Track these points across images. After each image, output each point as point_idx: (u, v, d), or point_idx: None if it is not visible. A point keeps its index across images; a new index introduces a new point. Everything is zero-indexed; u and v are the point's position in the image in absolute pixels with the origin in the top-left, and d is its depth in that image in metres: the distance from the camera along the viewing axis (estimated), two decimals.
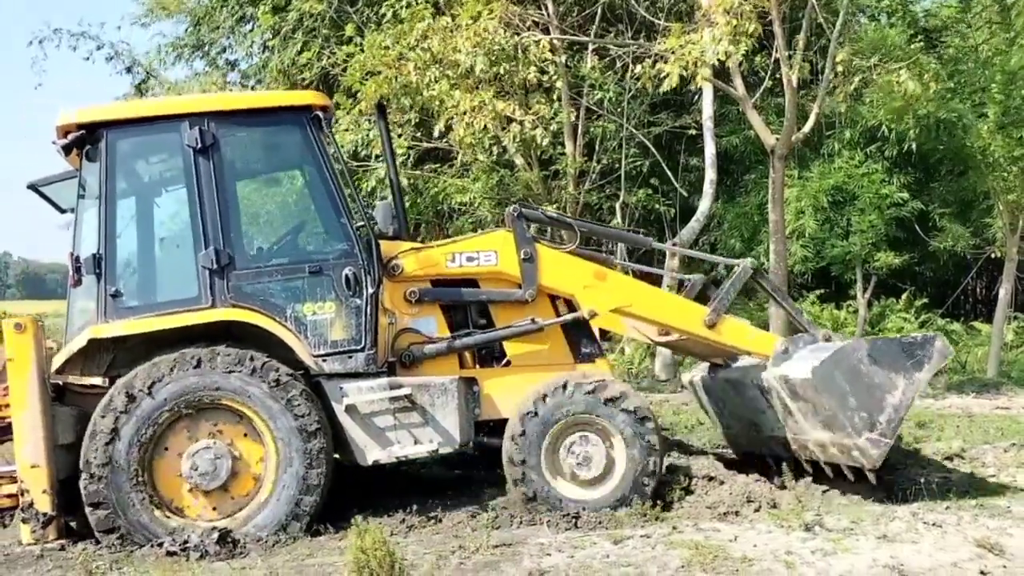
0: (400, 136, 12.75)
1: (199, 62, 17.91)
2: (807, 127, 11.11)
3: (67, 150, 5.69)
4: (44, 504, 5.19)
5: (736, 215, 14.85)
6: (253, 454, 5.46)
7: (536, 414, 5.70)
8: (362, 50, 12.58)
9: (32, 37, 17.74)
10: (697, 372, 7.33)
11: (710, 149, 12.98)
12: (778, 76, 11.11)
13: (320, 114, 5.86)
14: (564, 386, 5.74)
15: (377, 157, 12.94)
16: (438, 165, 14.42)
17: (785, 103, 11.08)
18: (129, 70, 18.45)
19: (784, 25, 10.77)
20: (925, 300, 15.31)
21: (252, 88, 16.94)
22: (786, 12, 11.24)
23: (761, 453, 6.65)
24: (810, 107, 11.43)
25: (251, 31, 16.88)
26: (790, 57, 10.64)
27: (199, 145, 5.59)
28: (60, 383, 5.58)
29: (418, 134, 13.42)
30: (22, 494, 5.21)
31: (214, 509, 5.40)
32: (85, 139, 5.57)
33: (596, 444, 5.73)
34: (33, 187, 6.16)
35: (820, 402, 5.56)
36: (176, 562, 4.96)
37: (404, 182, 13.38)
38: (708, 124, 12.99)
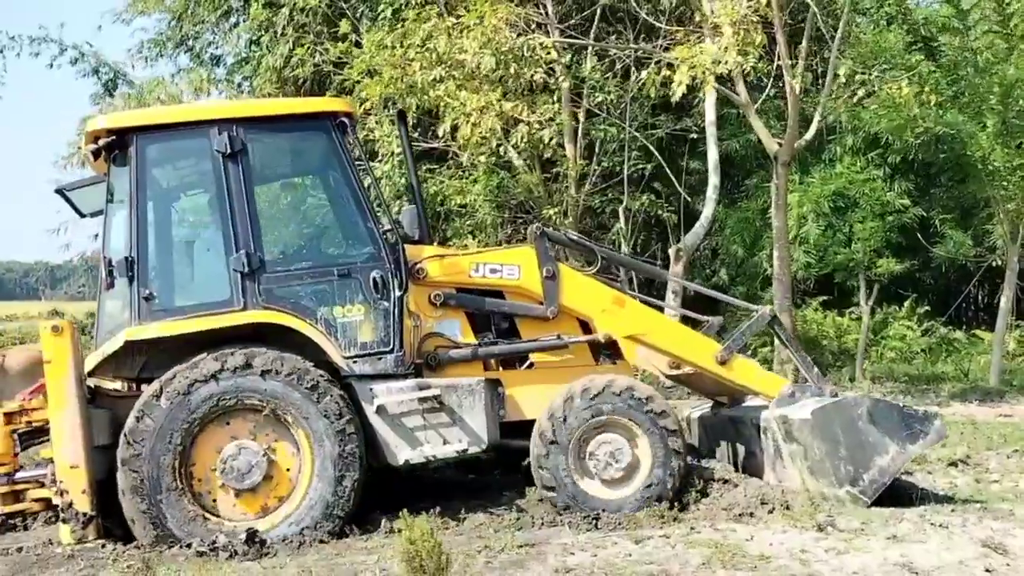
0: (391, 136, 13.14)
1: (183, 57, 18.22)
2: (810, 134, 11.67)
3: (96, 155, 6.07)
4: (83, 504, 5.54)
5: (738, 220, 15.36)
6: (287, 455, 5.85)
7: (563, 415, 6.11)
8: (358, 46, 13.00)
9: None
10: (697, 410, 7.79)
11: (713, 154, 13.51)
12: (781, 84, 11.65)
13: (345, 120, 6.27)
14: (591, 388, 6.15)
15: (375, 156, 13.37)
16: (436, 166, 14.83)
17: (788, 109, 11.63)
18: (96, 72, 18.58)
19: (786, 29, 11.32)
20: (927, 307, 15.87)
21: (239, 85, 17.29)
22: (788, 21, 11.78)
23: None
24: (812, 112, 11.99)
25: (236, 26, 17.24)
26: (793, 65, 11.19)
27: (228, 150, 5.98)
28: (92, 385, 5.95)
29: (416, 134, 13.83)
30: (61, 495, 5.55)
31: (247, 509, 5.79)
32: (115, 145, 5.96)
33: (622, 445, 6.15)
34: (60, 191, 6.54)
35: (812, 446, 5.97)
36: (207, 561, 5.31)
37: (402, 182, 13.81)
38: (711, 130, 13.52)
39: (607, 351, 6.73)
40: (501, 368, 6.59)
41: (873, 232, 14.03)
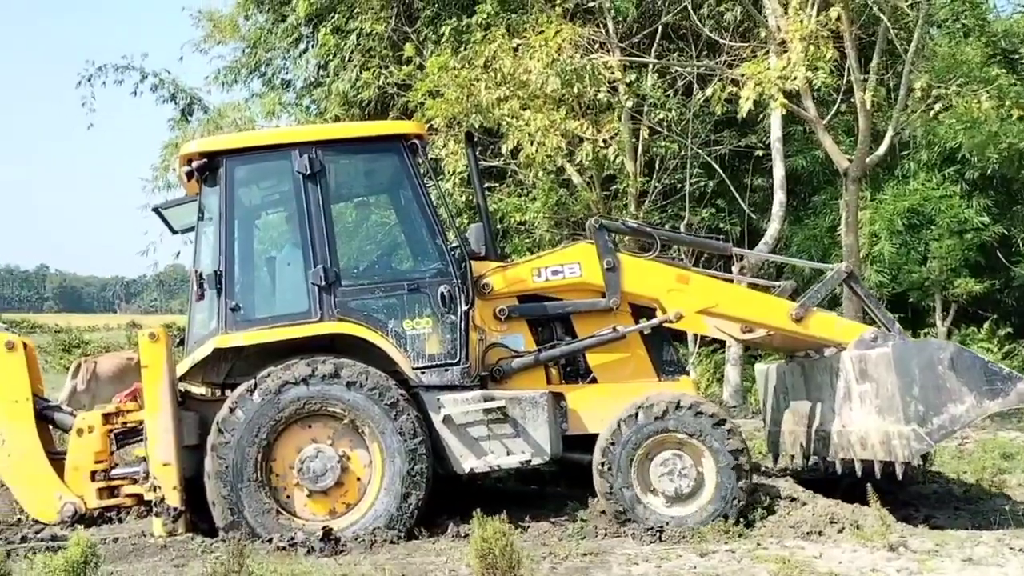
0: (455, 154, 13.67)
1: (256, 83, 19.17)
2: (881, 149, 11.78)
3: (188, 176, 6.68)
4: (174, 499, 6.15)
5: (805, 238, 15.44)
6: (360, 465, 6.34)
7: (627, 430, 6.41)
8: (421, 68, 13.61)
9: (79, 77, 18.55)
10: (772, 363, 7.98)
11: (779, 171, 13.67)
12: (851, 99, 11.82)
13: (416, 141, 6.81)
14: (655, 405, 6.44)
15: (438, 174, 13.93)
16: (495, 184, 15.34)
17: (858, 125, 11.78)
18: (173, 98, 19.58)
19: (856, 43, 11.50)
20: (1009, 329, 15.60)
21: (308, 108, 18.11)
22: (859, 34, 11.96)
23: (799, 454, 7.27)
24: (884, 128, 12.11)
25: (305, 52, 18.11)
26: (864, 80, 11.36)
27: (308, 171, 6.53)
28: (183, 389, 6.55)
29: (476, 152, 14.33)
30: (154, 490, 6.15)
31: (317, 510, 6.29)
32: (205, 167, 6.57)
33: (687, 461, 6.42)
34: (156, 210, 7.23)
35: (886, 382, 6.02)
36: (287, 556, 5.81)
37: (460, 199, 14.34)
38: (777, 146, 13.68)
39: (670, 367, 7.03)
40: (564, 383, 6.94)
41: (950, 250, 13.94)
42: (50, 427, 7.05)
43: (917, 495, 7.24)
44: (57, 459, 6.76)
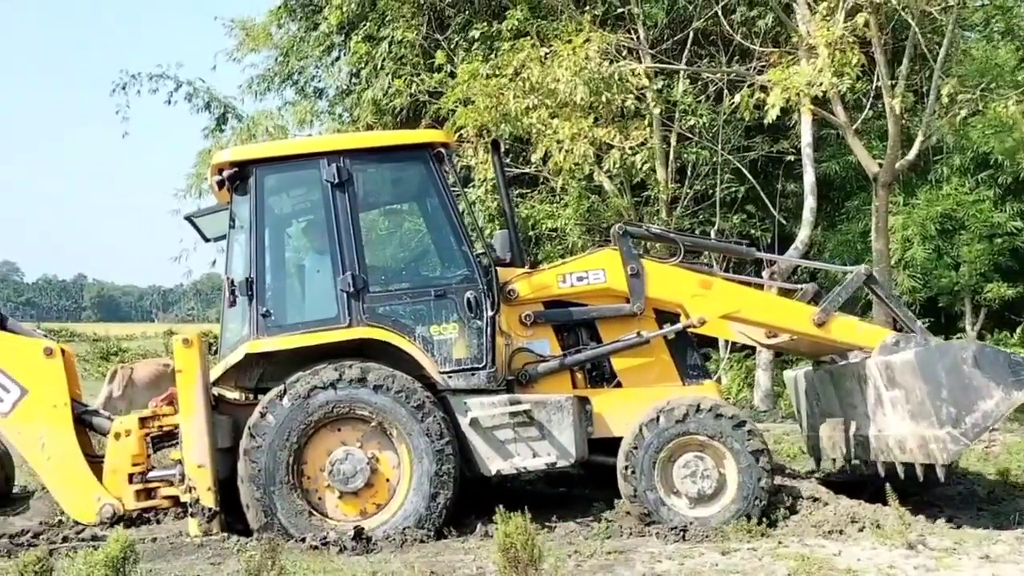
0: (485, 163, 13.85)
1: (288, 91, 19.52)
2: (911, 154, 11.77)
3: (220, 185, 6.92)
4: (209, 500, 6.36)
5: (838, 243, 15.43)
6: (389, 466, 6.52)
7: (649, 434, 6.54)
8: (452, 75, 13.82)
9: (113, 85, 18.88)
10: (800, 370, 8.05)
11: (809, 176, 13.70)
12: (881, 105, 11.83)
13: (442, 150, 7.00)
14: (677, 408, 6.57)
15: (469, 181, 14.13)
16: (527, 190, 15.51)
17: (888, 129, 11.78)
18: (208, 106, 19.93)
19: (886, 49, 11.51)
20: None
21: (340, 116, 18.41)
22: (888, 40, 11.96)
23: (841, 458, 7.33)
24: (915, 132, 12.09)
25: (337, 60, 18.42)
26: (893, 86, 11.37)
27: (336, 180, 6.73)
28: (216, 394, 6.76)
29: (508, 159, 14.52)
30: (190, 491, 6.37)
31: (347, 511, 6.47)
32: (236, 176, 6.79)
33: (708, 462, 6.55)
34: (188, 218, 7.47)
35: (914, 388, 6.11)
36: (320, 554, 5.99)
37: (492, 206, 14.53)
38: (807, 151, 13.72)
39: (694, 371, 7.14)
40: (589, 387, 7.07)
41: (980, 255, 13.87)
42: (88, 431, 7.30)
43: (942, 496, 7.27)
44: (96, 462, 7.00)
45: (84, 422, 7.20)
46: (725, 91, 13.88)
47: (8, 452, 7.66)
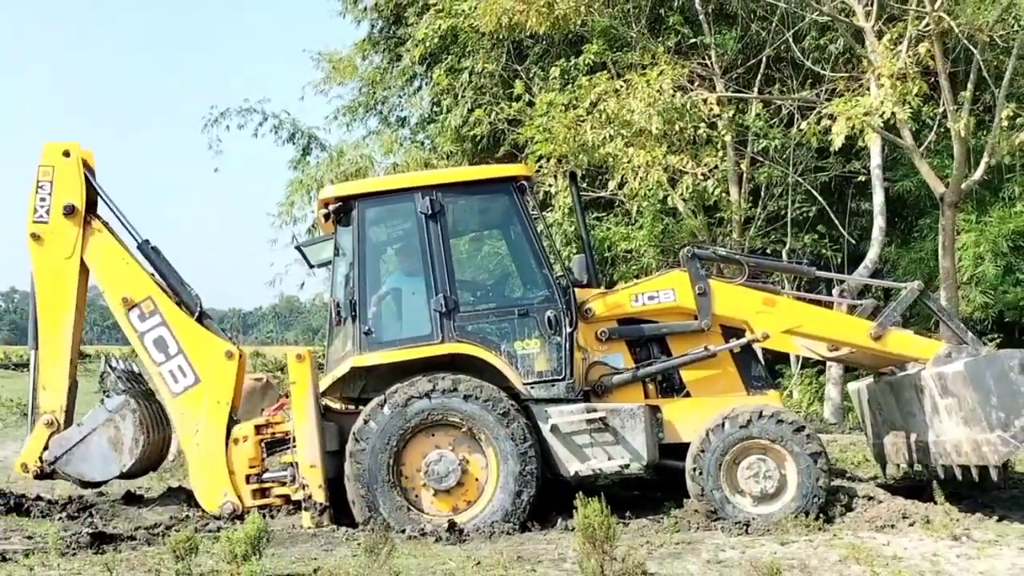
0: (563, 190, 14.60)
1: (372, 120, 20.73)
2: (977, 174, 12.12)
3: (326, 218, 7.90)
4: (320, 496, 7.27)
5: (911, 261, 15.69)
6: (478, 467, 7.33)
7: (715, 438, 7.22)
8: (531, 104, 14.68)
9: (204, 121, 20.10)
10: (862, 382, 8.64)
11: (878, 196, 14.11)
12: (946, 127, 12.25)
13: (524, 182, 7.88)
14: (741, 414, 7.25)
15: (547, 206, 14.97)
16: (603, 213, 16.26)
17: (954, 150, 12.19)
18: (292, 138, 21.03)
19: (950, 73, 11.91)
20: None
21: (422, 144, 19.51)
22: (951, 65, 12.38)
23: (904, 463, 7.86)
24: (983, 151, 12.44)
25: (419, 90, 19.55)
26: (957, 109, 11.81)
27: (429, 212, 7.61)
28: (324, 403, 7.71)
29: (584, 184, 15.31)
30: (303, 488, 7.28)
31: (441, 507, 7.30)
32: (340, 209, 7.74)
33: (770, 464, 7.21)
34: (298, 247, 8.51)
35: (965, 396, 6.65)
36: (419, 543, 6.82)
37: (569, 230, 15.33)
38: (876, 172, 14.13)
39: (758, 382, 7.82)
40: (660, 396, 7.79)
41: None
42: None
43: (996, 499, 7.75)
44: None
45: None
46: (796, 115, 14.41)
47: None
